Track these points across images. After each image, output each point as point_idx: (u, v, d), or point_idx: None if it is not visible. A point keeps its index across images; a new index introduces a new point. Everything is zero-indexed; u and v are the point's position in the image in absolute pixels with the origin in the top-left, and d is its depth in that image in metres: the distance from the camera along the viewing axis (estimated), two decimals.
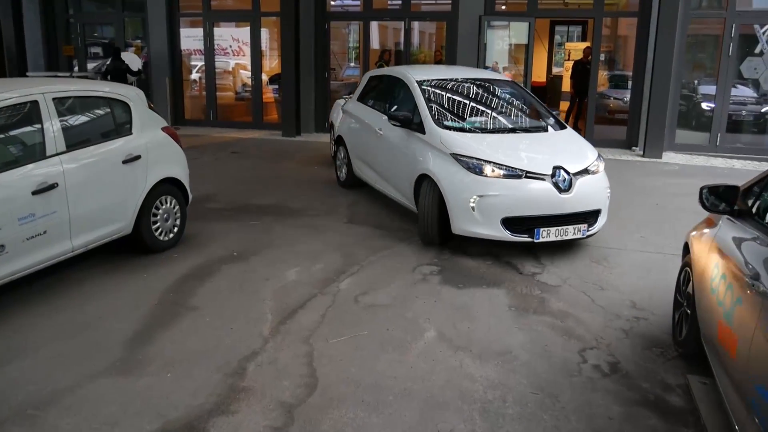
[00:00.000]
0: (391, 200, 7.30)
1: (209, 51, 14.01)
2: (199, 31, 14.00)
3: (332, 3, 13.91)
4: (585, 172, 5.87)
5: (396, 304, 4.73)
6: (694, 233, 4.20)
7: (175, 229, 5.88)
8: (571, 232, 5.73)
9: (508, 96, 7.29)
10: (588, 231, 5.84)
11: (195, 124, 14.25)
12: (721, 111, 11.56)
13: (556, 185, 5.62)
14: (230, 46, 14.16)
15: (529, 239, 5.60)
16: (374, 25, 14.32)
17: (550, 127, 6.71)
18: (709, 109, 11.97)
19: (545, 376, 3.78)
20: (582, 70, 13.45)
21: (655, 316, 4.69)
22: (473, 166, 5.64)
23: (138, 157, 5.38)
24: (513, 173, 5.61)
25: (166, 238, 5.76)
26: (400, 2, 12.89)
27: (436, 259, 5.72)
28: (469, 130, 6.30)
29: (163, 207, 5.70)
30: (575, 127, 13.04)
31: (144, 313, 4.52)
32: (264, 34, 14.11)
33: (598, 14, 11.84)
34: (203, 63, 14.16)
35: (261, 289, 4.97)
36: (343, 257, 5.70)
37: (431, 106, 6.46)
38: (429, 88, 6.78)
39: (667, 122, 11.30)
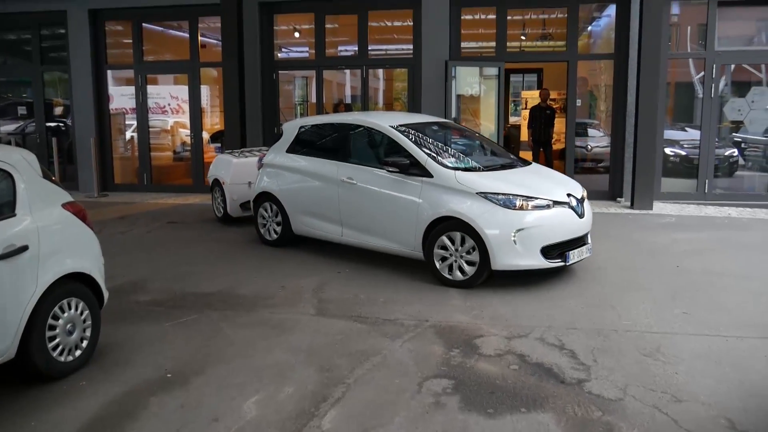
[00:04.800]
0: (365, 277, 6.39)
1: (142, 107, 12.46)
2: (132, 89, 12.49)
3: (279, 55, 12.66)
4: (583, 198, 6.45)
5: None
6: None
7: (84, 344, 4.25)
8: (585, 252, 6.29)
9: (469, 137, 7.77)
10: (590, 249, 6.43)
11: (127, 189, 12.56)
12: (707, 156, 10.67)
13: (574, 210, 6.14)
14: (168, 104, 12.69)
15: (562, 263, 5.97)
16: (328, 75, 13.14)
17: (523, 162, 7.10)
18: (674, 154, 11.24)
19: None
20: (541, 116, 12.45)
21: None
22: (506, 202, 5.84)
23: (24, 248, 3.79)
24: (542, 204, 5.95)
25: (70, 358, 4.13)
26: (356, 48, 11.70)
27: (445, 367, 4.25)
28: (472, 169, 6.43)
29: (65, 315, 4.09)
30: None
31: None
32: (205, 90, 12.72)
33: (572, 57, 10.92)
34: (145, 122, 12.57)
35: None
36: (320, 373, 4.17)
37: (424, 150, 6.40)
38: (409, 133, 6.66)
39: None
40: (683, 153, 11.48)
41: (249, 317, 5.26)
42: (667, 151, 11.25)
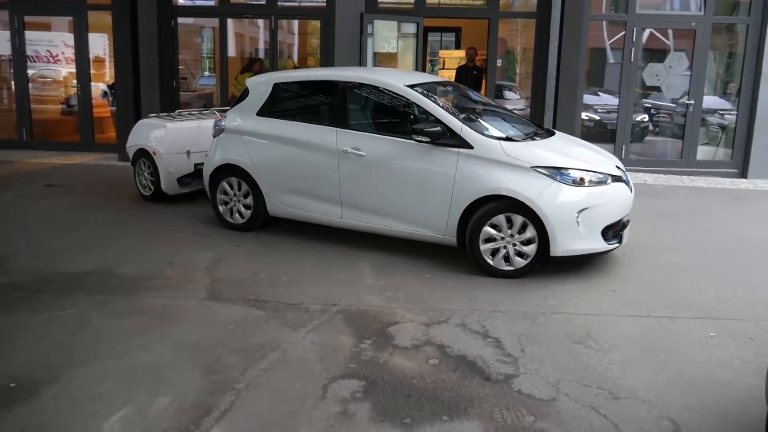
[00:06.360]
0: (268, 251, 5.68)
1: (19, 53, 11.00)
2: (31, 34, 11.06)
3: (180, 2, 11.44)
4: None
5: None
6: None
7: None
8: (629, 231, 5.67)
9: (482, 101, 6.76)
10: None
11: (2, 146, 11.15)
12: (625, 122, 10.51)
13: (627, 184, 5.54)
14: (63, 53, 11.34)
15: (618, 244, 5.40)
16: (236, 28, 12.08)
17: (546, 130, 6.25)
18: (588, 119, 11.07)
19: None
20: (468, 77, 11.93)
21: None
22: (566, 178, 5.11)
23: None
24: (602, 179, 5.30)
25: None
26: None
27: (355, 364, 3.66)
28: (512, 139, 5.47)
29: None
30: None
31: None
32: (104, 38, 11.39)
33: (493, 14, 10.39)
34: (23, 70, 11.11)
35: None
36: (206, 376, 3.48)
37: (456, 115, 5.45)
38: (428, 94, 5.64)
39: None
40: (597, 118, 11.36)
41: (127, 303, 4.47)
42: (582, 115, 11.06)
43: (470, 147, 5.23)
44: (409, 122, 5.61)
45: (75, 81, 11.10)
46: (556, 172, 5.09)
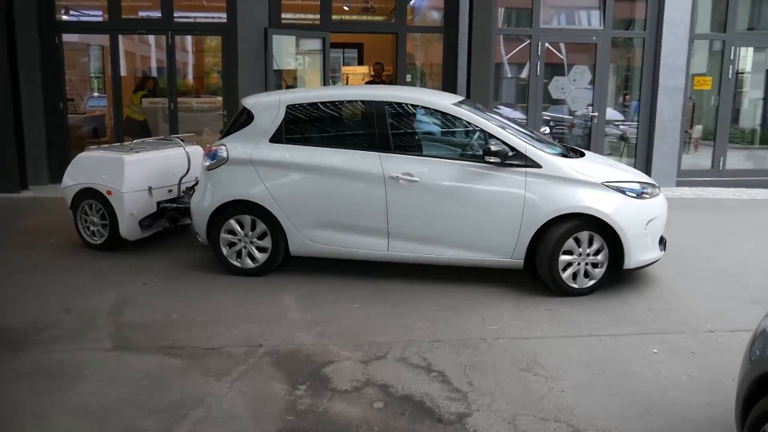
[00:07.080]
0: (179, 288, 5.12)
1: None
2: None
3: (65, 18, 10.57)
4: None
5: None
6: None
7: None
8: None
9: (502, 118, 6.25)
10: None
11: None
12: None
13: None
14: None
15: (664, 250, 5.55)
16: (128, 46, 11.32)
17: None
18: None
19: None
20: None
21: None
22: (633, 192, 5.25)
23: None
24: (654, 191, 5.47)
25: None
26: (159, 13, 10.04)
27: (292, 416, 3.24)
28: (569, 156, 5.51)
29: None
30: None
31: None
32: None
33: (401, 29, 10.27)
34: None
35: None
36: None
37: (517, 134, 5.34)
38: (478, 112, 5.51)
39: None
40: None
41: (14, 362, 3.81)
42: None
43: (538, 166, 5.14)
44: (462, 143, 5.54)
45: None
46: (623, 187, 5.22)
